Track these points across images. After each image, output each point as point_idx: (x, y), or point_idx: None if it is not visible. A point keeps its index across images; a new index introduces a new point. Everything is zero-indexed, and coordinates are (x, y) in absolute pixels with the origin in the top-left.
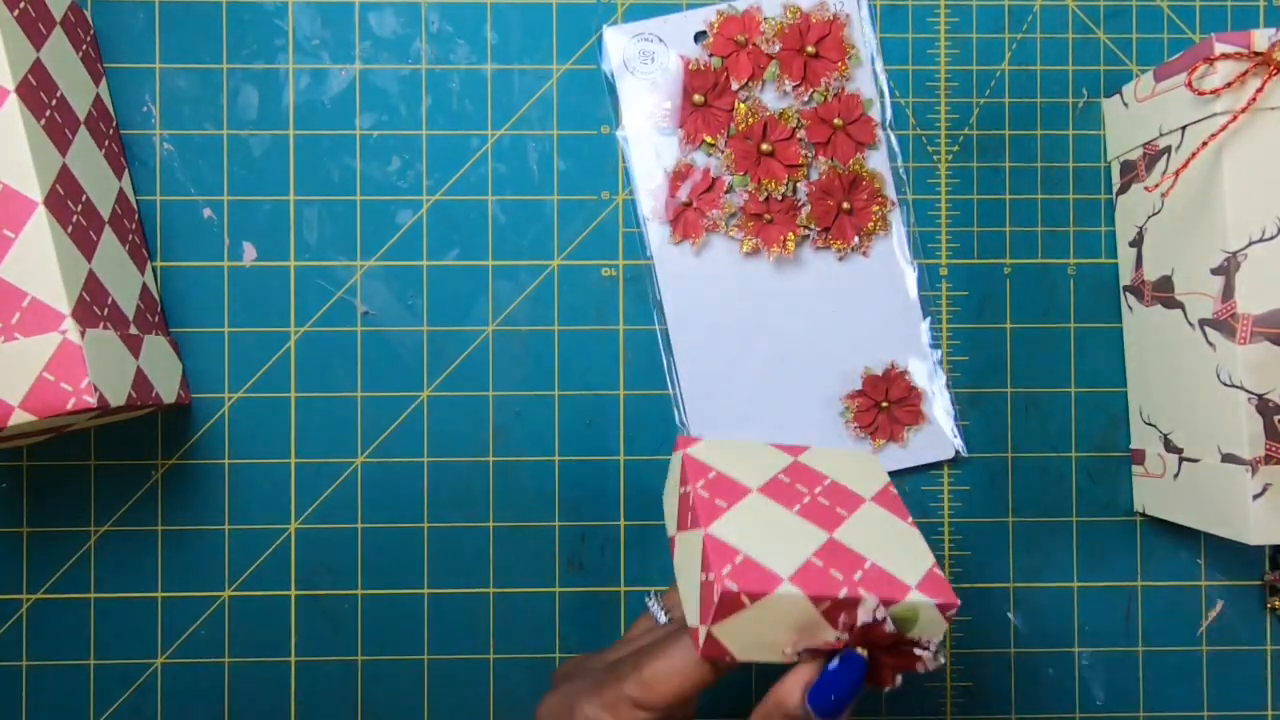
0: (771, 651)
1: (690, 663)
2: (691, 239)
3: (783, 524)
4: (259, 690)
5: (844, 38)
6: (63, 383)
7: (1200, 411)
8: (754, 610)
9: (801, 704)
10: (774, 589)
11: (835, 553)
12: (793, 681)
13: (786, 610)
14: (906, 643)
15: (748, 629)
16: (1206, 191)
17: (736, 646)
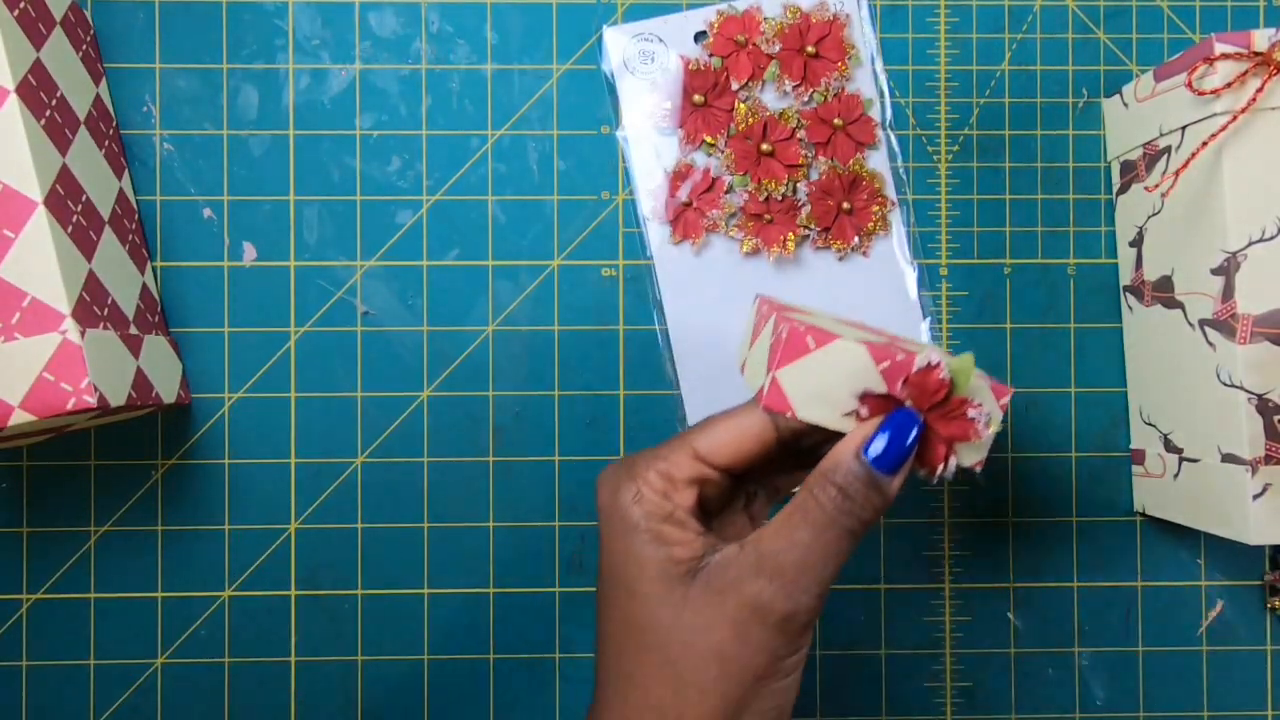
0: (830, 409)
1: (752, 419)
2: (691, 239)
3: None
4: (259, 690)
5: (844, 38)
6: (63, 383)
7: (1200, 411)
8: (817, 357)
9: (858, 457)
10: (836, 340)
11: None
12: (849, 439)
13: (847, 365)
14: (959, 404)
15: (810, 380)
16: (1206, 191)
17: (797, 398)
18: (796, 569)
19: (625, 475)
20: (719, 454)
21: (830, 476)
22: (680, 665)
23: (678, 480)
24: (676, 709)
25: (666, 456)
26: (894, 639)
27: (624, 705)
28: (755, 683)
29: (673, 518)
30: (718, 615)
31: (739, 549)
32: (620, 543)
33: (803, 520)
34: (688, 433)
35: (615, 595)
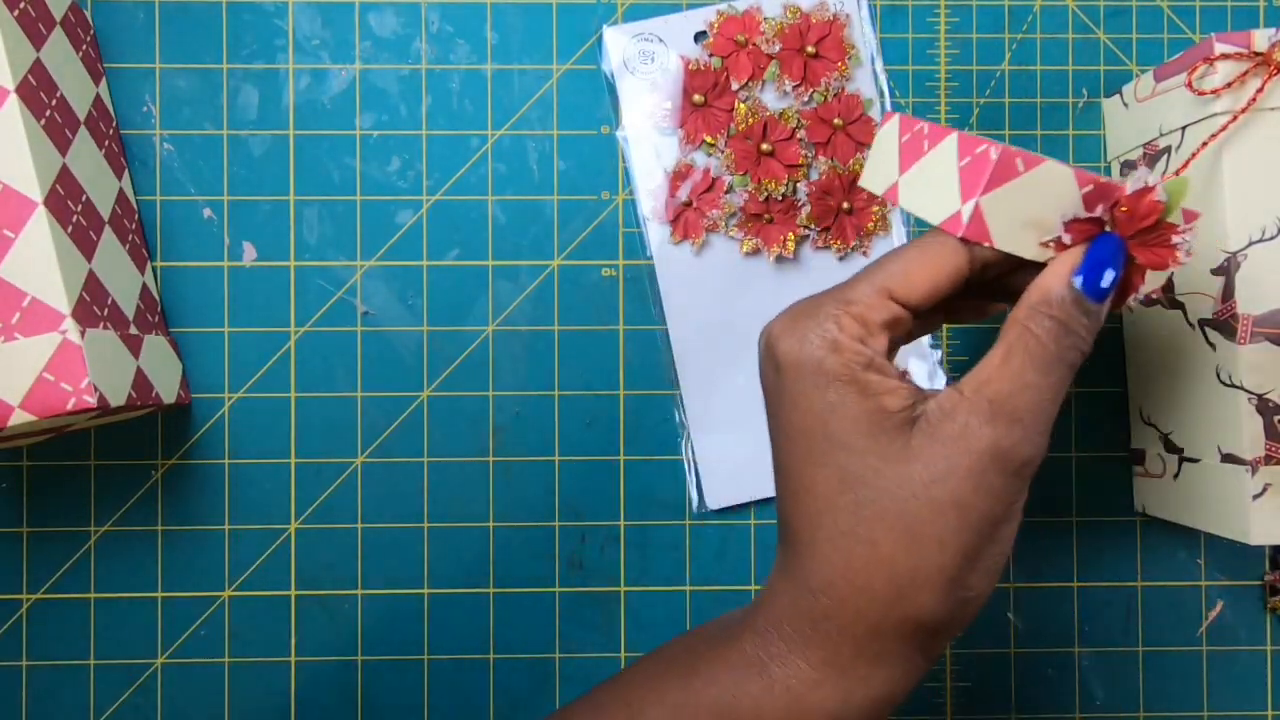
0: (1031, 236)
1: (946, 249)
2: (691, 239)
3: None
4: (259, 690)
5: (844, 38)
6: (63, 383)
7: (1200, 411)
8: (1023, 182)
9: (1069, 285)
10: (1045, 162)
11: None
12: (1056, 267)
13: (1053, 189)
14: (1167, 229)
15: (1012, 206)
16: (1206, 192)
17: (998, 227)
18: (1033, 411)
19: (811, 323)
20: (915, 291)
21: (1045, 310)
22: (914, 518)
23: (872, 324)
24: (911, 563)
25: (856, 299)
26: None
27: (848, 563)
28: (992, 529)
29: (873, 365)
30: (952, 465)
31: (959, 395)
32: (819, 395)
33: (1027, 359)
34: (872, 271)
35: (823, 452)
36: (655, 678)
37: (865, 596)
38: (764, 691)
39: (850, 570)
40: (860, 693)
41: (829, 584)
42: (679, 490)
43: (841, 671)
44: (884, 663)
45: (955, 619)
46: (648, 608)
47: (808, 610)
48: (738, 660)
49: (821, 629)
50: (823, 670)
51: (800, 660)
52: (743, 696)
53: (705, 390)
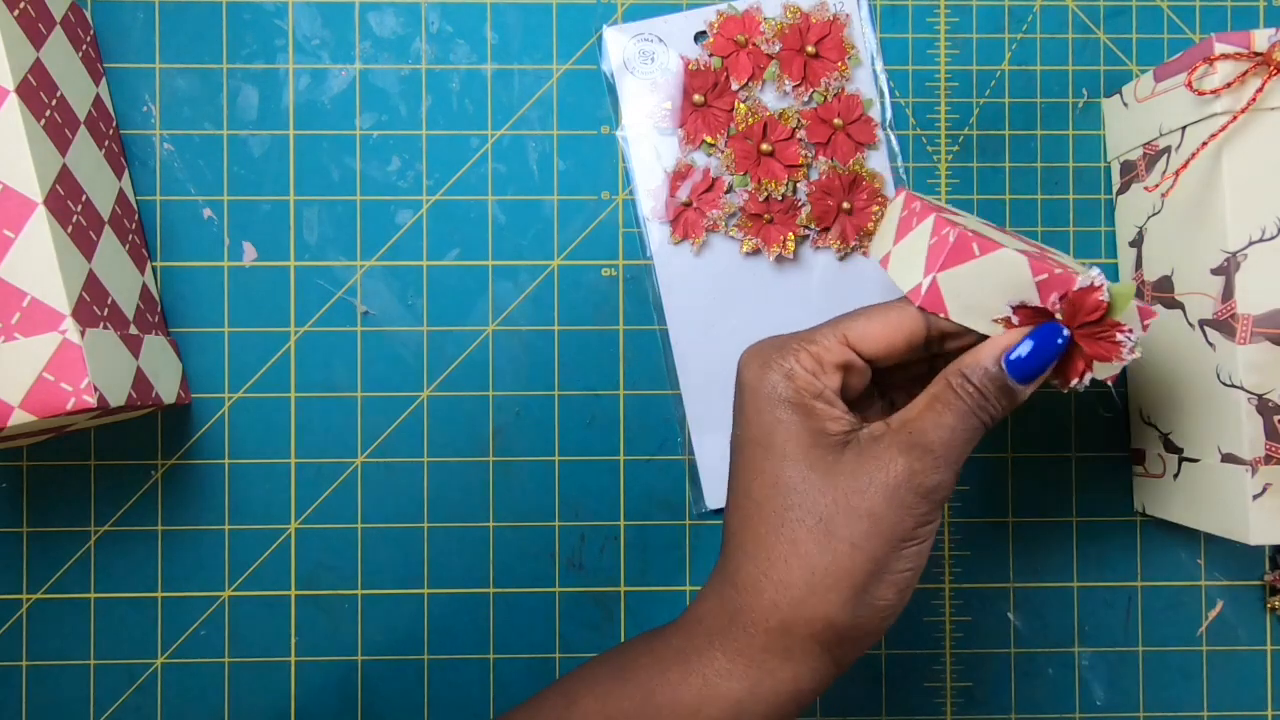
0: (983, 314)
1: (905, 315)
2: (691, 239)
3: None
4: (259, 690)
5: (844, 38)
6: (63, 383)
7: (1200, 411)
8: (978, 265)
9: (997, 363)
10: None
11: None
12: (993, 343)
13: (1006, 274)
14: (1111, 326)
15: (967, 285)
16: (1206, 191)
17: (953, 301)
18: (944, 446)
19: (776, 354)
20: (870, 344)
21: (968, 374)
22: (832, 522)
23: (827, 363)
24: (824, 562)
25: (818, 340)
26: (894, 639)
27: (770, 559)
28: (899, 544)
29: (822, 396)
30: (871, 480)
31: (887, 426)
32: (770, 413)
33: (945, 408)
34: (839, 320)
35: (763, 459)
36: (593, 672)
37: (780, 591)
38: (681, 679)
39: (771, 566)
40: (766, 684)
41: (751, 580)
42: (679, 490)
43: (750, 662)
44: (791, 658)
45: (863, 626)
46: (648, 608)
47: (729, 604)
48: (664, 652)
49: (738, 622)
50: (734, 660)
51: (717, 651)
52: (663, 683)
53: (705, 390)
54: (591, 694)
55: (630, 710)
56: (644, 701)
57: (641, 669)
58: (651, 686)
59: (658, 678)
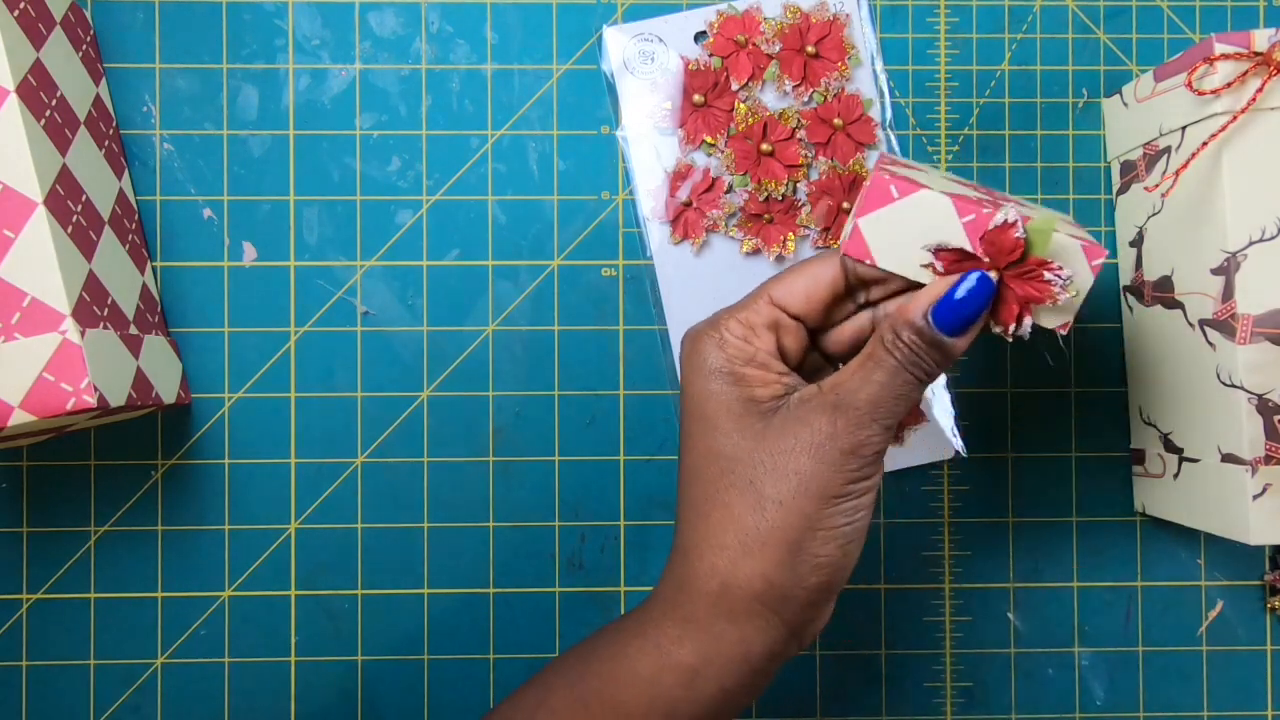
0: (908, 259)
1: (825, 266)
2: (691, 239)
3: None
4: (259, 690)
5: (844, 38)
6: (63, 383)
7: (1200, 411)
8: (900, 206)
9: (925, 316)
10: (919, 191)
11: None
12: (920, 296)
13: (929, 216)
14: (1036, 264)
15: (891, 230)
16: (1206, 191)
17: (878, 246)
18: (869, 404)
19: (707, 326)
20: (792, 299)
21: (898, 331)
22: (761, 484)
23: (756, 325)
24: (755, 522)
25: (745, 305)
26: (894, 639)
27: (707, 524)
28: (829, 500)
29: (754, 360)
30: (796, 441)
31: (817, 388)
32: (701, 385)
33: (875, 365)
34: (766, 282)
35: (698, 430)
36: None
37: (718, 553)
38: (639, 651)
39: (708, 530)
40: (715, 649)
41: (693, 546)
42: None
43: (699, 627)
44: (737, 621)
45: (805, 583)
46: None
47: (677, 574)
48: (625, 627)
49: (684, 589)
50: (683, 627)
51: (668, 621)
52: (623, 657)
53: None
54: (563, 679)
55: (598, 688)
56: (609, 678)
57: (605, 646)
58: (614, 662)
59: (619, 653)
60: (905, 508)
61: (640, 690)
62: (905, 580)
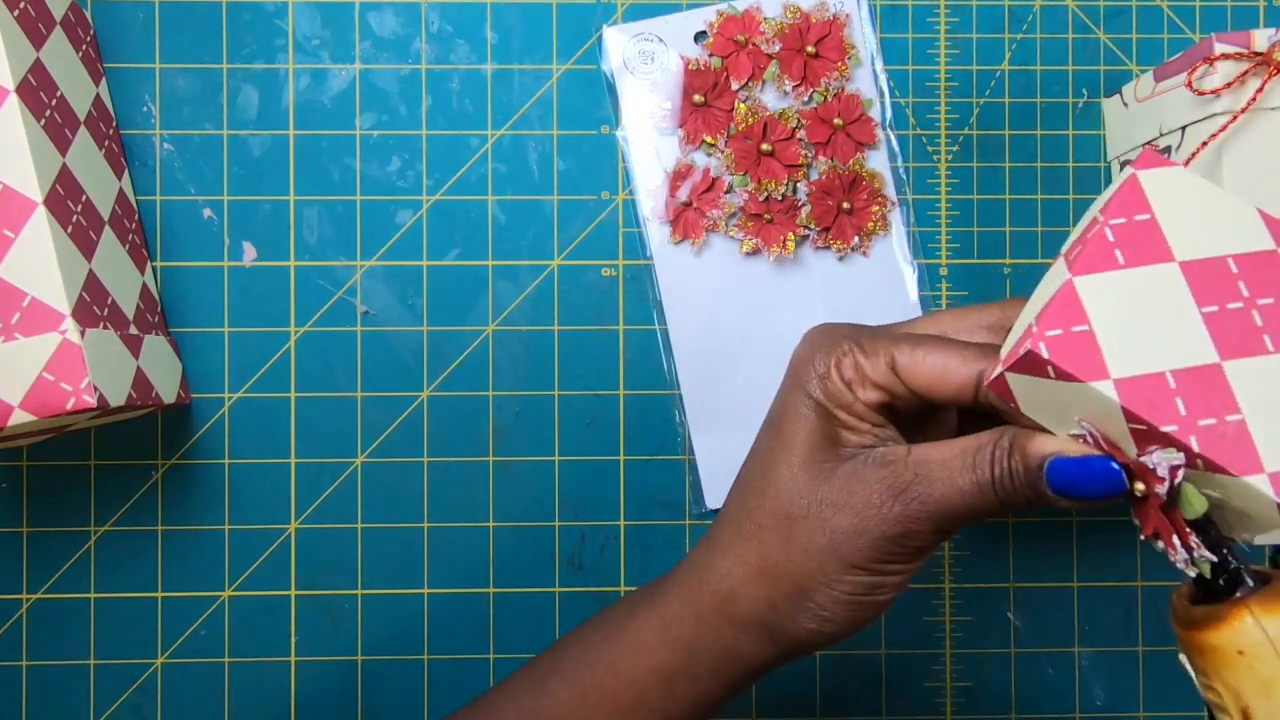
0: (1057, 421)
1: (963, 365)
2: (691, 239)
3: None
4: (259, 690)
5: (844, 38)
6: (63, 383)
7: None
8: (1055, 386)
9: (1040, 467)
10: (1089, 379)
11: (1206, 383)
12: (1051, 442)
13: (1092, 404)
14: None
15: (1043, 394)
16: None
17: (1024, 400)
18: (938, 504)
19: (826, 346)
20: (915, 380)
21: (1009, 453)
22: (797, 524)
23: (868, 378)
24: (778, 557)
25: (869, 348)
26: (894, 639)
27: (739, 532)
28: (851, 569)
29: (851, 410)
30: (849, 500)
31: (906, 453)
32: (793, 401)
33: (969, 471)
34: (898, 336)
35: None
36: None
37: (736, 563)
38: (644, 621)
39: (738, 538)
40: (709, 638)
41: (720, 544)
42: (679, 490)
43: (699, 616)
44: (734, 625)
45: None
46: None
47: (698, 558)
48: (639, 596)
49: (698, 575)
50: (687, 607)
51: (674, 599)
52: (630, 621)
53: (705, 390)
54: (579, 640)
55: (604, 650)
56: (613, 643)
57: (616, 616)
58: (620, 628)
59: (627, 616)
60: None
61: (641, 658)
62: None
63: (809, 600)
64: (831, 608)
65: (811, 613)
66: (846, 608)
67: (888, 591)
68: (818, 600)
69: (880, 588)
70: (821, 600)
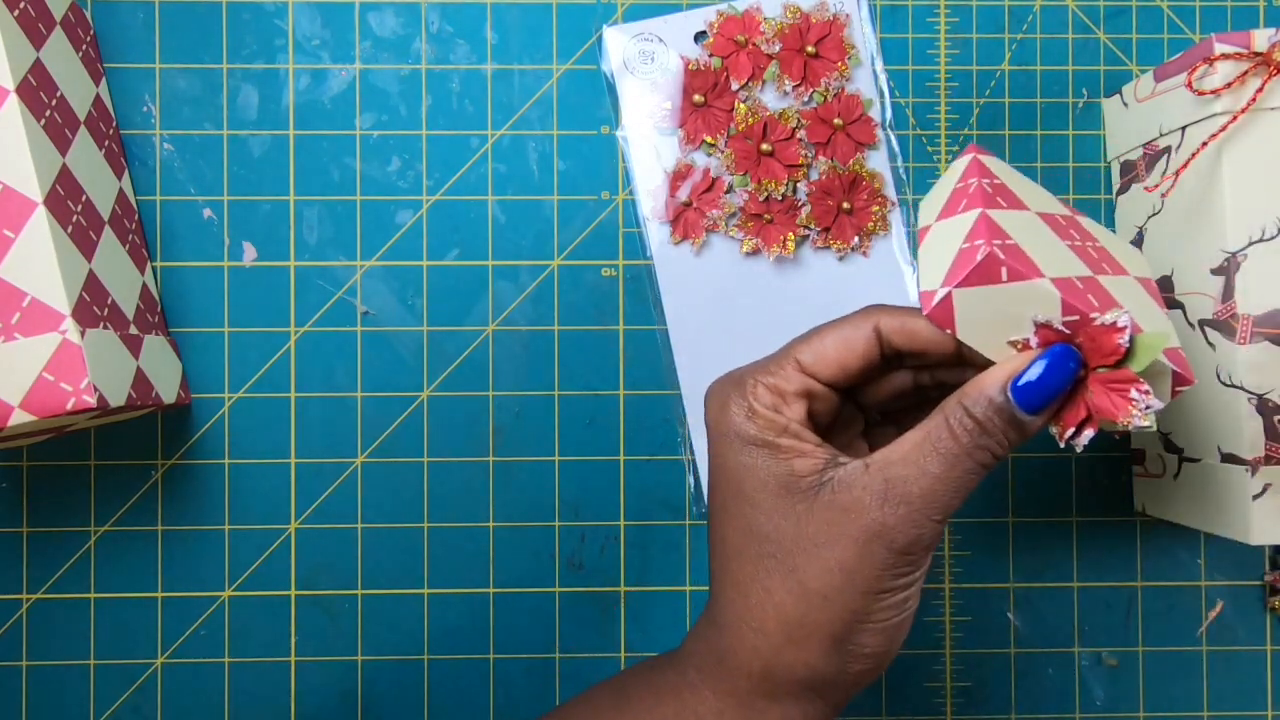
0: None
1: (859, 331)
2: (691, 239)
3: (1052, 245)
4: (259, 690)
5: (844, 38)
6: (63, 383)
7: (1200, 411)
8: (1005, 290)
9: (1004, 391)
10: (1034, 278)
11: (1095, 289)
12: (997, 371)
13: (1034, 305)
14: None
15: (985, 308)
16: (1206, 191)
17: (964, 321)
18: (923, 499)
19: (734, 390)
20: (824, 368)
21: (970, 407)
22: (804, 574)
23: (786, 393)
24: (799, 613)
25: (774, 370)
26: None
27: (747, 604)
28: (876, 596)
29: (788, 431)
30: (842, 532)
31: (864, 469)
32: (736, 457)
33: (934, 451)
34: (793, 344)
35: (735, 505)
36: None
37: (760, 637)
38: (675, 714)
39: (748, 612)
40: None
41: (733, 624)
42: (679, 490)
43: (740, 703)
44: (779, 701)
45: (850, 671)
46: (648, 608)
47: (715, 645)
48: (660, 685)
49: (725, 663)
50: (725, 700)
51: (707, 690)
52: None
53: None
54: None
55: None
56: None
57: (638, 700)
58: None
59: (653, 708)
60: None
61: None
62: None
63: (849, 644)
64: (873, 640)
65: (855, 654)
66: (886, 632)
67: (914, 599)
68: (858, 640)
69: (907, 600)
70: (861, 639)
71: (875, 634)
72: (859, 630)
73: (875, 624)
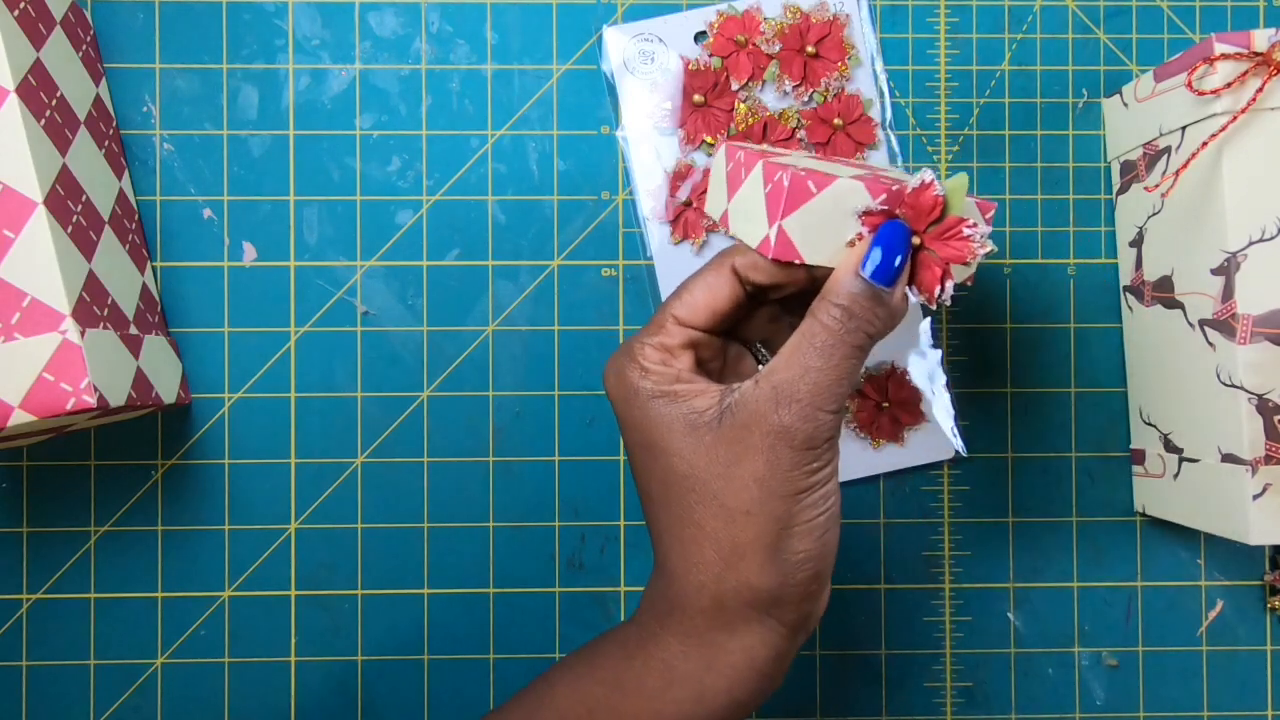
0: (834, 254)
1: (720, 278)
2: (691, 239)
3: (830, 165)
4: (259, 690)
5: (844, 38)
6: (63, 383)
7: (1200, 411)
8: (818, 202)
9: (857, 274)
10: (836, 182)
11: (881, 177)
12: (846, 261)
13: (847, 204)
14: (955, 223)
15: (813, 223)
16: (1206, 191)
17: (803, 245)
18: (811, 392)
19: (625, 358)
20: (697, 317)
21: (832, 298)
22: (725, 497)
23: (672, 347)
24: (729, 534)
25: (656, 331)
26: (894, 639)
27: (683, 545)
28: (795, 498)
29: (680, 379)
30: (747, 447)
31: (754, 384)
32: (639, 411)
33: (810, 346)
34: (667, 303)
35: (650, 459)
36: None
37: (701, 570)
38: (644, 666)
39: (685, 551)
40: (721, 659)
41: (676, 568)
42: None
43: (700, 642)
44: (736, 631)
45: (791, 581)
46: None
47: (665, 593)
48: (627, 641)
49: (678, 607)
50: (685, 642)
51: (669, 637)
52: (628, 669)
53: None
54: (567, 684)
55: (602, 696)
56: (614, 687)
57: (610, 658)
58: (619, 673)
59: (623, 664)
60: (905, 508)
61: (649, 703)
62: (905, 580)
63: (782, 554)
64: (804, 543)
65: (790, 563)
66: (813, 533)
67: (834, 495)
68: (790, 547)
69: (826, 496)
70: (793, 544)
71: (804, 537)
72: (788, 536)
73: (801, 526)
